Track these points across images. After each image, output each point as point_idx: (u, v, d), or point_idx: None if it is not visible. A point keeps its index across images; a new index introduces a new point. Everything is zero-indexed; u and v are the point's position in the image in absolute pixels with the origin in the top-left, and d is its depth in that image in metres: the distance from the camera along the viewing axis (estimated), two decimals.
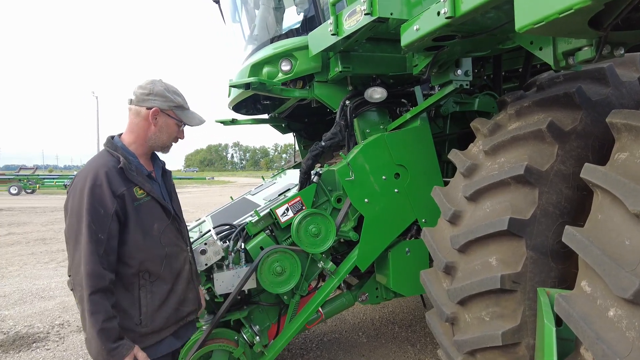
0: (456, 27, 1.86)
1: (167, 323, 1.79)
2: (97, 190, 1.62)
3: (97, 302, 1.55)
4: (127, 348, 1.61)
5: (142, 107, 1.79)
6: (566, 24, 1.28)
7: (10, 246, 8.93)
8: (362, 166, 2.76)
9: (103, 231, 1.60)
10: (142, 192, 1.74)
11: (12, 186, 25.20)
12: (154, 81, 1.84)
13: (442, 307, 2.17)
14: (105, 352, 1.54)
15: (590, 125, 1.98)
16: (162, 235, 1.79)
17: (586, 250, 1.46)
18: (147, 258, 1.73)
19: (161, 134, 1.84)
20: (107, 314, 1.57)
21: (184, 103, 1.89)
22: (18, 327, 4.45)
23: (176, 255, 1.85)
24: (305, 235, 2.68)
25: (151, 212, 1.77)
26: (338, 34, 2.43)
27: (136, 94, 1.81)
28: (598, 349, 1.32)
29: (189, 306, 1.90)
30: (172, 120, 1.85)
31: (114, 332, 1.58)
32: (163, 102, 1.81)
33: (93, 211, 1.60)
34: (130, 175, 1.71)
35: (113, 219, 1.63)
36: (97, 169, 1.67)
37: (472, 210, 2.11)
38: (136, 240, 1.70)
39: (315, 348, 3.87)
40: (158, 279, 1.76)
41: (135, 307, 1.71)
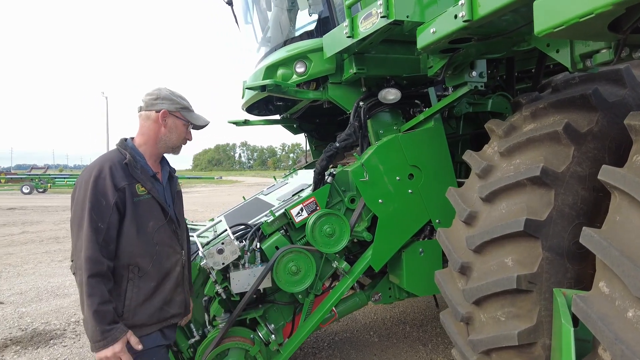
0: (473, 30, 1.88)
1: (149, 320, 1.84)
2: (100, 182, 1.73)
3: (94, 285, 1.64)
4: (121, 331, 1.68)
5: (152, 111, 1.92)
6: (586, 28, 1.30)
7: (25, 245, 9.08)
8: (376, 167, 2.78)
9: (103, 221, 1.70)
10: (143, 189, 1.84)
11: (24, 185, 25.60)
12: (160, 88, 1.98)
13: (457, 307, 2.18)
14: (99, 332, 1.62)
15: (606, 126, 1.99)
16: (156, 233, 1.86)
17: (604, 252, 1.47)
18: (138, 253, 1.80)
19: (171, 134, 1.95)
20: (102, 297, 1.65)
21: (189, 105, 2.02)
22: (35, 324, 4.54)
23: (167, 255, 1.91)
24: (320, 235, 2.71)
25: (149, 209, 1.85)
26: (354, 37, 2.46)
27: (145, 100, 1.95)
28: (617, 350, 1.34)
29: (175, 308, 1.94)
30: (180, 121, 1.97)
31: (109, 315, 1.66)
32: (170, 105, 1.93)
33: (95, 201, 1.70)
34: (133, 172, 1.82)
35: (113, 210, 1.73)
36: (103, 163, 1.79)
37: (488, 211, 2.13)
38: (130, 234, 1.78)
39: (327, 347, 3.90)
40: (145, 275, 1.83)
41: (120, 299, 1.78)
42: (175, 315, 1.96)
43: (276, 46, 3.42)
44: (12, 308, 5.03)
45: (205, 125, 2.10)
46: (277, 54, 3.24)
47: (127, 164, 1.81)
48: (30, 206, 17.44)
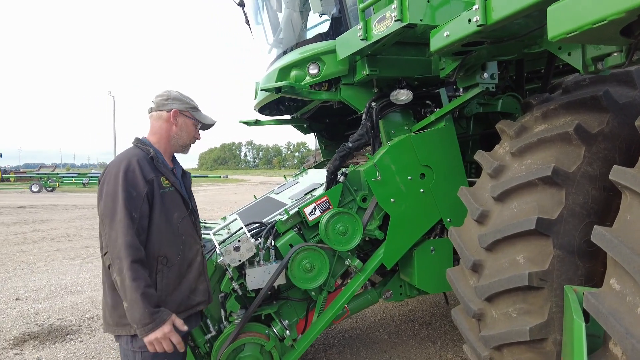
0: (486, 33, 1.93)
1: (178, 308, 1.89)
2: (130, 175, 1.80)
3: (137, 269, 1.69)
4: (167, 313, 1.74)
5: (163, 111, 2.01)
6: (599, 33, 1.34)
7: (37, 242, 9.22)
8: (388, 166, 2.83)
9: (136, 211, 1.77)
10: (167, 182, 1.93)
11: (33, 184, 25.89)
12: (169, 89, 2.09)
13: (469, 304, 2.24)
14: (148, 314, 1.66)
15: (617, 127, 2.03)
16: (180, 224, 1.95)
17: (615, 250, 1.51)
18: (166, 243, 1.87)
19: (182, 132, 2.05)
20: (147, 281, 1.71)
21: (197, 105, 2.13)
22: (51, 319, 4.65)
23: (190, 245, 2.00)
24: (333, 234, 2.77)
25: (173, 201, 1.94)
26: (367, 39, 2.52)
27: (155, 101, 2.04)
28: (627, 344, 1.38)
29: (200, 296, 2.02)
30: (189, 120, 2.08)
31: (154, 297, 1.72)
32: (180, 104, 2.04)
33: (127, 193, 1.76)
34: (158, 166, 1.92)
35: (144, 201, 1.80)
36: (130, 157, 1.86)
37: (500, 210, 2.18)
38: (159, 224, 1.85)
39: (338, 344, 3.97)
40: (174, 265, 1.90)
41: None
42: (200, 303, 2.04)
43: (288, 48, 3.48)
44: (28, 304, 5.15)
45: (212, 125, 2.22)
46: (290, 55, 3.30)
47: (153, 157, 1.91)
48: (40, 205, 17.65)
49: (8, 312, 4.85)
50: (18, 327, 4.40)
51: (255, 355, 2.62)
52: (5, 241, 9.31)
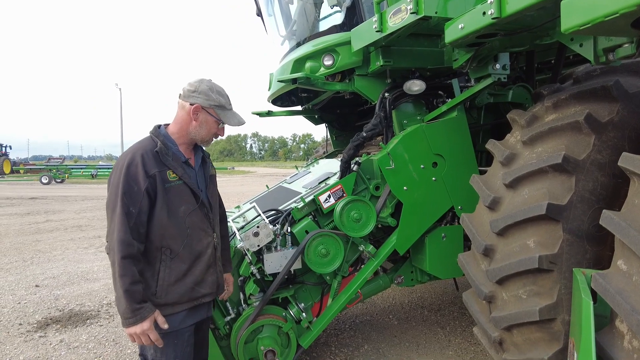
0: (500, 26, 1.99)
1: (180, 299, 1.93)
2: (132, 169, 1.82)
3: (125, 266, 1.74)
4: (149, 310, 1.79)
5: (187, 102, 1.96)
6: (610, 26, 1.41)
7: (50, 232, 9.42)
8: (401, 155, 2.91)
9: (134, 205, 1.79)
10: (174, 175, 1.91)
11: (43, 176, 26.21)
12: (202, 80, 2.00)
13: (481, 287, 2.33)
14: (130, 311, 1.73)
15: (627, 116, 2.09)
16: (188, 217, 1.94)
17: (623, 232, 1.59)
18: (169, 236, 1.89)
19: (201, 129, 1.99)
20: (133, 278, 1.75)
21: (226, 103, 2.03)
22: (71, 305, 4.81)
23: (199, 238, 1.98)
24: (348, 220, 2.87)
25: (180, 195, 1.92)
26: (382, 31, 2.58)
27: (184, 89, 1.99)
28: (633, 320, 1.47)
29: (206, 288, 2.02)
30: (211, 118, 2.00)
31: (138, 294, 1.76)
32: (205, 100, 1.96)
33: (127, 187, 1.79)
34: (164, 159, 1.89)
35: (144, 196, 1.81)
36: (136, 151, 1.88)
37: (511, 196, 2.26)
38: (161, 218, 1.86)
39: (349, 329, 4.09)
40: (177, 257, 1.91)
41: (154, 278, 1.89)
42: (207, 295, 2.04)
43: (302, 40, 3.55)
44: (47, 291, 5.32)
45: (239, 125, 2.13)
46: (305, 47, 3.37)
47: (158, 152, 1.88)
48: (50, 196, 17.92)
49: (29, 298, 5.02)
50: (40, 312, 4.57)
51: (273, 336, 2.74)
52: (20, 231, 9.52)
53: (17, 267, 6.42)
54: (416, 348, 3.65)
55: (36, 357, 3.56)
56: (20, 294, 5.16)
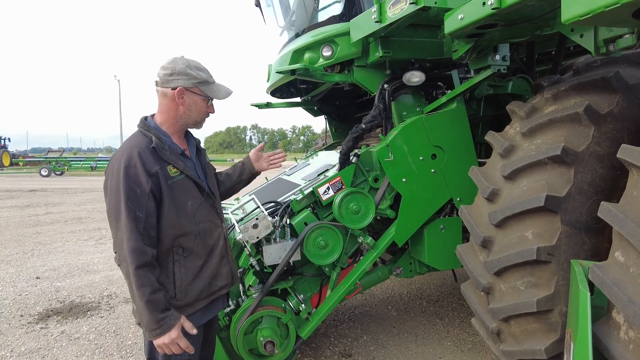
0: (500, 16, 1.98)
1: (200, 296, 1.85)
2: (131, 171, 1.67)
3: (142, 275, 1.62)
4: (175, 318, 1.69)
5: (167, 88, 1.79)
6: (611, 16, 1.40)
7: (51, 224, 9.43)
8: (400, 147, 2.90)
9: (141, 209, 1.66)
10: (175, 170, 1.78)
11: (42, 168, 26.19)
12: (175, 59, 1.82)
13: (479, 278, 2.34)
14: (155, 321, 1.63)
15: (626, 108, 2.08)
16: (197, 212, 1.84)
17: (621, 224, 1.59)
18: (181, 234, 1.78)
19: (190, 112, 1.85)
20: (152, 287, 1.64)
21: (208, 77, 1.87)
22: (72, 297, 4.83)
23: (210, 231, 1.90)
24: (347, 212, 2.87)
25: (185, 189, 1.81)
26: (382, 21, 2.56)
27: (160, 75, 1.82)
28: (630, 311, 1.48)
29: (222, 281, 1.95)
30: (198, 97, 1.85)
31: (161, 303, 1.66)
32: (187, 80, 1.79)
33: (129, 191, 1.65)
34: (163, 154, 1.75)
35: (149, 197, 1.68)
36: (131, 149, 1.72)
37: (510, 188, 2.26)
38: (170, 218, 1.74)
39: (348, 320, 4.11)
40: (192, 254, 1.82)
41: (170, 280, 1.78)
42: (223, 287, 1.97)
43: (301, 30, 3.52)
44: (48, 282, 5.34)
45: (228, 96, 1.96)
46: (304, 38, 3.34)
47: (155, 147, 1.74)
48: (50, 188, 17.92)
49: (30, 290, 5.04)
50: (41, 304, 4.59)
51: (273, 327, 2.75)
52: (20, 223, 9.54)
53: (18, 259, 6.44)
54: (415, 339, 3.67)
55: (37, 348, 3.59)
56: (21, 286, 5.18)
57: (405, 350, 3.48)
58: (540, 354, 2.06)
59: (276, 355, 2.76)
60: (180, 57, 1.84)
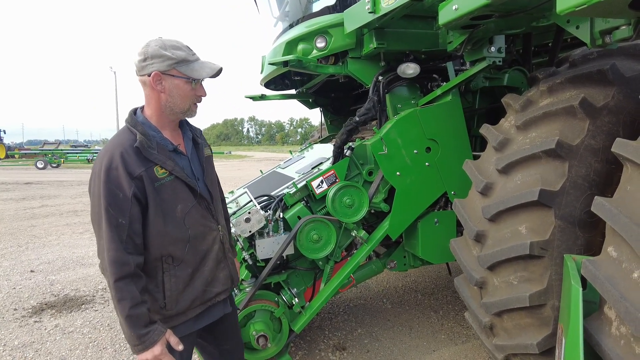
0: (495, 7, 1.94)
1: (192, 304, 1.72)
2: (113, 173, 1.52)
3: (122, 288, 1.49)
4: (158, 333, 1.55)
5: (144, 76, 1.60)
6: (607, 7, 1.36)
7: (46, 217, 9.39)
8: (394, 140, 2.88)
9: (123, 216, 1.51)
10: (163, 171, 1.61)
11: (38, 160, 26.06)
12: (149, 42, 1.62)
13: (472, 272, 2.32)
14: (136, 337, 1.51)
15: (622, 100, 2.05)
16: (187, 216, 1.67)
17: (614, 219, 1.57)
18: (169, 242, 1.64)
19: (173, 98, 1.64)
20: (133, 301, 1.50)
21: (187, 55, 1.63)
22: (66, 290, 4.82)
23: (202, 236, 1.74)
24: (340, 206, 2.85)
25: (174, 192, 1.64)
26: (375, 12, 2.52)
27: (135, 63, 1.63)
28: (621, 307, 1.46)
29: (218, 287, 1.81)
30: (179, 80, 1.62)
31: (143, 318, 1.52)
32: (162, 63, 1.58)
33: (110, 195, 1.51)
34: (148, 154, 1.58)
35: (133, 203, 1.53)
36: (113, 150, 1.56)
37: (504, 182, 2.23)
38: (157, 225, 1.60)
39: (343, 312, 4.11)
40: (182, 262, 1.68)
41: (159, 290, 1.66)
42: (221, 293, 1.83)
43: (295, 21, 3.47)
44: (42, 276, 5.32)
45: (215, 74, 1.70)
46: (297, 29, 3.29)
47: (138, 146, 1.56)
48: (46, 181, 17.83)
49: (24, 283, 5.02)
50: (35, 297, 4.57)
51: (266, 321, 2.75)
52: (15, 216, 9.49)
53: (12, 253, 6.42)
54: (409, 332, 3.68)
55: (31, 342, 3.57)
56: (15, 279, 5.16)
57: (400, 343, 3.48)
58: (532, 348, 2.05)
59: (269, 349, 2.76)
60: (154, 39, 1.63)
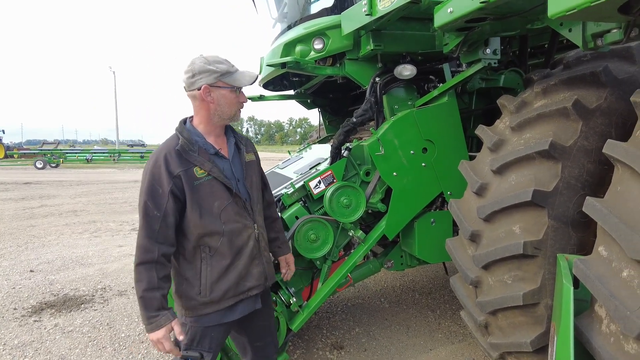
0: (489, 10, 1.96)
1: (225, 295, 1.87)
2: (156, 171, 1.76)
3: (141, 272, 1.71)
4: (165, 319, 1.73)
5: (194, 90, 1.83)
6: (597, 11, 1.39)
7: (45, 217, 9.41)
8: (391, 141, 2.90)
9: (159, 209, 1.74)
10: (202, 171, 1.81)
11: (37, 160, 26.04)
12: (193, 60, 1.84)
13: (467, 272, 2.35)
14: (146, 318, 1.72)
15: (614, 102, 2.08)
16: (222, 212, 1.85)
17: (605, 219, 1.61)
18: (205, 234, 1.83)
19: (220, 106, 1.86)
20: (149, 285, 1.70)
21: (229, 67, 1.86)
22: (65, 290, 4.84)
23: (238, 232, 1.90)
24: (338, 206, 2.87)
25: (211, 190, 1.83)
26: (372, 14, 2.54)
27: (184, 81, 1.86)
28: (611, 305, 1.50)
29: (252, 281, 1.95)
30: (224, 90, 1.85)
31: (155, 301, 1.71)
32: (209, 77, 1.81)
33: (151, 190, 1.75)
34: (188, 156, 1.80)
35: (169, 198, 1.74)
36: (160, 151, 1.81)
37: (498, 182, 2.26)
38: (193, 218, 1.80)
39: (341, 312, 4.15)
40: (217, 253, 1.85)
41: (196, 277, 1.85)
42: (253, 288, 1.97)
43: (293, 23, 3.49)
44: (42, 275, 5.34)
45: (253, 81, 1.93)
46: (295, 30, 3.32)
47: (179, 150, 1.79)
48: (45, 181, 17.83)
49: (24, 283, 5.04)
50: (35, 297, 4.60)
51: None
52: (14, 216, 9.51)
53: (12, 253, 6.44)
54: (406, 331, 3.71)
55: (31, 341, 3.60)
56: (15, 279, 5.18)
57: (397, 342, 3.51)
58: (526, 346, 2.08)
59: None
60: (197, 56, 1.86)
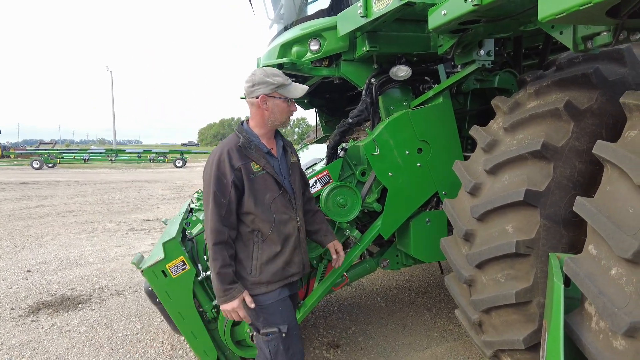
0: (482, 12, 1.99)
1: (273, 278, 2.13)
2: (221, 164, 2.04)
3: (217, 251, 2.00)
4: (238, 291, 2.03)
5: (253, 98, 2.11)
6: (586, 14, 1.42)
7: (42, 217, 9.40)
8: (387, 141, 2.93)
9: (225, 196, 2.02)
10: (258, 166, 2.09)
11: (34, 160, 25.99)
12: (254, 73, 2.14)
13: (461, 271, 2.38)
14: (222, 290, 2.00)
15: (605, 103, 2.11)
16: (273, 203, 2.12)
17: (594, 218, 1.64)
18: (259, 221, 2.09)
19: (274, 114, 2.14)
20: (224, 262, 2.00)
21: (284, 81, 2.14)
22: (63, 290, 4.85)
23: (285, 222, 2.16)
24: (333, 206, 2.90)
25: (265, 183, 2.11)
26: (367, 16, 2.57)
27: (245, 89, 2.16)
28: (600, 302, 1.53)
29: (294, 268, 2.21)
30: (279, 100, 2.13)
31: (229, 276, 2.01)
32: (266, 88, 2.09)
33: (217, 180, 2.03)
34: (248, 153, 2.08)
35: (232, 187, 2.02)
36: (224, 147, 2.09)
37: (492, 182, 2.29)
38: (249, 206, 2.07)
39: (337, 311, 4.17)
40: (267, 239, 2.12)
41: (248, 259, 2.11)
42: (295, 274, 2.23)
43: (289, 24, 3.52)
44: (39, 275, 5.35)
45: (304, 93, 2.22)
46: (292, 31, 3.34)
47: (241, 146, 2.07)
48: (41, 181, 17.80)
49: (21, 283, 5.05)
50: (32, 297, 4.60)
51: None
52: (11, 216, 9.50)
53: (9, 253, 6.44)
54: (402, 330, 3.74)
55: (28, 341, 3.61)
56: (12, 279, 5.19)
57: (393, 341, 3.54)
58: (519, 344, 2.11)
59: None
60: (257, 69, 2.16)
